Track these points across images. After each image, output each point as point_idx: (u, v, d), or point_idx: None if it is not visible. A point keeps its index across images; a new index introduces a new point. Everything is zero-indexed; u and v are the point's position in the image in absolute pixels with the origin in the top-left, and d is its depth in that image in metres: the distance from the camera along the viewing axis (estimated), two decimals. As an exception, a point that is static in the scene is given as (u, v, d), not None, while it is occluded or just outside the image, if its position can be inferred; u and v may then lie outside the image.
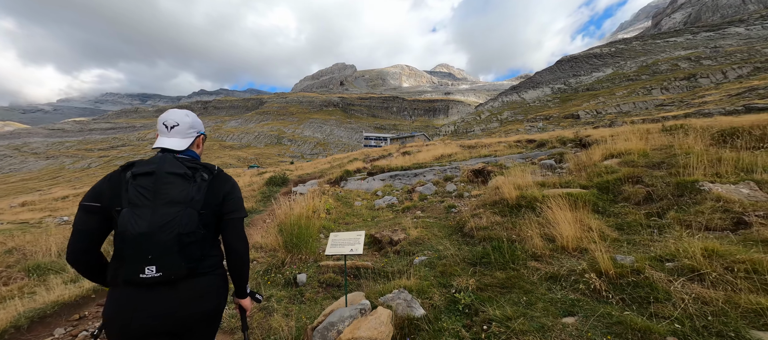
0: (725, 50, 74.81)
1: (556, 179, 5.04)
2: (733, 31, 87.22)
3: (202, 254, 1.39)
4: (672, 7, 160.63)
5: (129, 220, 1.24)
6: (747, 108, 37.32)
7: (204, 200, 1.39)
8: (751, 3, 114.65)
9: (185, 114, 1.58)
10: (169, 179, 1.35)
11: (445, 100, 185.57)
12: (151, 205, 1.28)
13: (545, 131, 55.38)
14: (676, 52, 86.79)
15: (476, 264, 2.90)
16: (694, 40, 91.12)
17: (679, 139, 5.60)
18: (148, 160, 1.41)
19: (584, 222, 3.20)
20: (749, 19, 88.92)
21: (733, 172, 3.69)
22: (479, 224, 3.98)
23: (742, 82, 54.61)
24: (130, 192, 1.29)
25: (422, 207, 7.23)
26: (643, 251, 2.58)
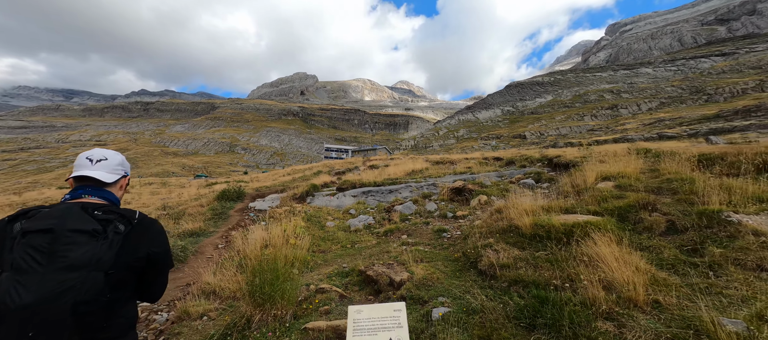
0: (638, 86, 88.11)
1: (561, 203, 4.70)
2: (644, 71, 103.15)
3: (106, 323, 1.17)
4: (597, 47, 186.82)
5: (8, 289, 1.02)
6: (660, 136, 43.50)
7: (115, 259, 1.18)
8: (655, 50, 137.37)
9: (114, 153, 1.47)
10: (72, 237, 1.13)
11: (406, 116, 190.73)
12: (41, 270, 1.07)
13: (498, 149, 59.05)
14: (601, 85, 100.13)
15: (529, 326, 2.21)
16: (615, 77, 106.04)
17: (664, 164, 5.70)
18: (46, 213, 1.17)
19: (627, 260, 2.72)
20: (655, 62, 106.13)
21: (745, 201, 3.59)
22: (499, 260, 3.35)
23: (652, 113, 64.51)
24: (15, 252, 1.08)
25: (407, 230, 6.49)
26: (728, 304, 2.12)
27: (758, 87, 61.59)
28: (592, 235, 3.39)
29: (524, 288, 2.79)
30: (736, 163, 5.31)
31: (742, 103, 50.94)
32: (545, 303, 2.34)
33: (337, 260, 5.02)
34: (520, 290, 2.79)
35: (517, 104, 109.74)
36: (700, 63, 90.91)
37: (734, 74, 76.06)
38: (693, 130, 41.67)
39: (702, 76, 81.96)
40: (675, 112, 59.95)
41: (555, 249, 3.41)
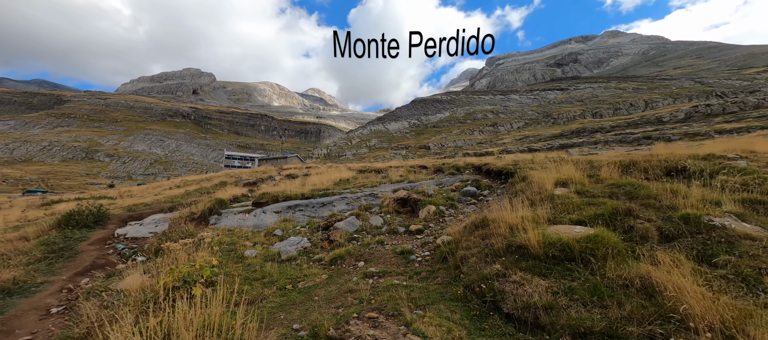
0: (510, 109, 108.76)
1: (541, 213, 4.35)
2: (513, 97, 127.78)
3: None
4: (480, 75, 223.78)
5: None
6: (529, 149, 53.86)
7: None
8: (519, 81, 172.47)
9: None
10: None
11: (318, 124, 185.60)
12: None
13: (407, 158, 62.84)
14: (485, 106, 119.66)
15: None
16: (494, 100, 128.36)
17: (601, 171, 6.19)
18: None
19: (682, 285, 2.27)
20: (520, 91, 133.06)
21: (704, 204, 3.84)
22: (534, 299, 2.53)
23: (521, 131, 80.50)
24: None
25: (361, 254, 5.24)
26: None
27: (582, 115, 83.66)
28: (602, 251, 2.96)
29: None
30: (648, 168, 6.10)
31: (574, 126, 68.52)
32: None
33: (281, 317, 3.38)
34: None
35: (421, 118, 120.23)
36: (548, 94, 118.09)
37: (568, 105, 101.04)
38: (549, 145, 53.32)
39: (550, 104, 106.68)
40: (535, 130, 76.22)
41: (583, 273, 2.82)
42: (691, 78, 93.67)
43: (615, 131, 55.88)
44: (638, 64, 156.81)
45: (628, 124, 60.55)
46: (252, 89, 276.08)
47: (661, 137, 44.09)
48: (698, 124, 47.55)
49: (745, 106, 53.52)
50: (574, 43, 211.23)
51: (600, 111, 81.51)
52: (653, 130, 50.89)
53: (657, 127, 53.56)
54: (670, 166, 5.95)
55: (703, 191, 4.21)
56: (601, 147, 43.07)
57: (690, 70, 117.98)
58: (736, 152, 6.41)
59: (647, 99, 78.61)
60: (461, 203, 7.93)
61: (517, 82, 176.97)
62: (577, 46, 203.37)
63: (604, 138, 51.42)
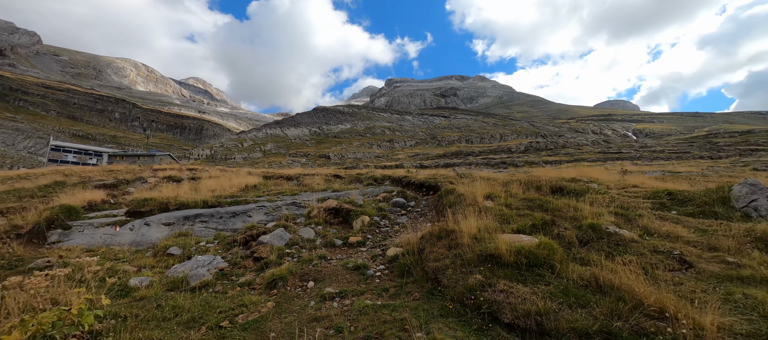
0: (405, 128, 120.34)
1: (490, 223, 4.76)
2: (408, 118, 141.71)
3: None
4: (380, 93, 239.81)
5: None
6: (421, 166, 60.30)
7: None
8: (412, 105, 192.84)
9: None
10: None
11: (200, 119, 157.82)
12: None
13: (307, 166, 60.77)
14: (383, 122, 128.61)
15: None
16: (392, 118, 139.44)
17: (511, 188, 7.36)
18: None
19: (629, 282, 2.87)
20: (413, 113, 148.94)
21: (597, 216, 5.03)
22: (528, 307, 2.67)
23: (413, 149, 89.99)
24: None
25: (307, 273, 4.54)
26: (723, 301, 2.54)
27: (459, 140, 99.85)
28: (557, 257, 3.47)
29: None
30: (541, 186, 7.65)
31: (454, 149, 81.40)
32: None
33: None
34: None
35: (322, 127, 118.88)
36: (434, 120, 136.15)
37: (449, 130, 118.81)
38: (436, 163, 61.48)
39: (436, 128, 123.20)
40: (424, 150, 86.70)
41: (551, 277, 3.19)
42: (527, 121, 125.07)
43: (482, 156, 69.20)
44: (496, 105, 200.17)
45: (490, 150, 76.10)
46: (104, 65, 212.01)
47: (511, 163, 57.21)
48: (533, 156, 63.81)
49: (556, 145, 75.04)
50: (455, 80, 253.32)
51: (471, 138, 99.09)
52: (506, 156, 65.52)
53: (508, 155, 69.23)
54: (554, 186, 7.64)
55: (589, 206, 5.53)
56: (474, 168, 52.41)
57: (527, 115, 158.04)
58: (586, 177, 8.83)
59: (501, 133, 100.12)
60: (393, 214, 8.02)
61: (411, 104, 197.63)
62: (457, 83, 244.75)
63: (476, 161, 62.93)
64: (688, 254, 3.77)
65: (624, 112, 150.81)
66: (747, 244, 4.01)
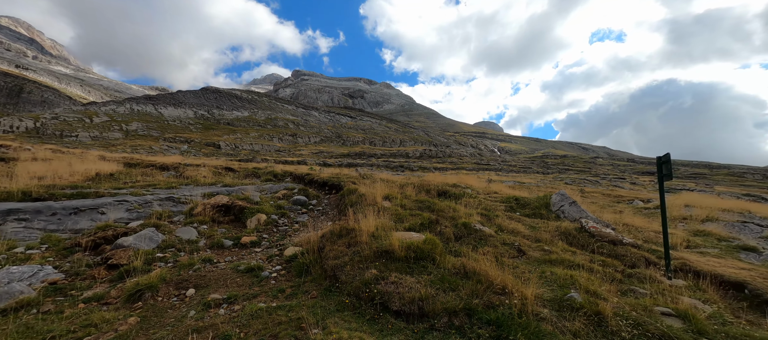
0: (310, 123, 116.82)
1: (387, 222, 5.16)
2: (314, 114, 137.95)
3: None
4: (285, 84, 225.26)
5: None
6: (324, 163, 59.82)
7: None
8: (320, 101, 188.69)
9: None
10: None
11: (18, 77, 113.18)
12: None
13: (189, 155, 51.81)
14: (288, 115, 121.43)
15: None
16: (297, 111, 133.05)
17: (406, 190, 8.12)
18: None
19: (486, 268, 3.68)
20: (320, 109, 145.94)
21: (469, 216, 6.11)
22: (415, 295, 3.08)
23: (317, 146, 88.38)
24: None
25: (186, 279, 3.96)
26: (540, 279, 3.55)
27: (363, 141, 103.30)
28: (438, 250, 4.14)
29: (471, 317, 2.82)
30: (430, 189, 8.76)
31: (358, 149, 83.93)
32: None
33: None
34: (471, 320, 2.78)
35: (213, 111, 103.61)
36: (341, 119, 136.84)
37: (355, 131, 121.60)
38: (340, 162, 62.12)
39: (342, 127, 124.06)
40: (329, 147, 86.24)
41: (432, 268, 3.75)
42: (423, 130, 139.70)
43: (384, 158, 73.77)
44: (399, 112, 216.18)
45: (390, 154, 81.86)
46: None
47: (408, 167, 63.17)
48: (426, 162, 71.91)
49: (444, 154, 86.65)
50: (364, 83, 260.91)
51: (375, 141, 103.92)
52: (404, 161, 71.83)
53: (406, 159, 76.01)
54: (439, 190, 8.89)
55: (464, 208, 6.69)
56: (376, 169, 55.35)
57: (423, 125, 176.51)
58: (463, 184, 10.61)
59: (402, 138, 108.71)
60: (293, 212, 7.73)
61: (318, 100, 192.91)
62: (365, 86, 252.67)
63: (377, 162, 66.61)
64: (523, 245, 5.06)
65: (493, 133, 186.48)
66: (556, 236, 5.66)
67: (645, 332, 2.78)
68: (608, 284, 3.77)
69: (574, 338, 2.62)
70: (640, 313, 3.02)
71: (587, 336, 2.69)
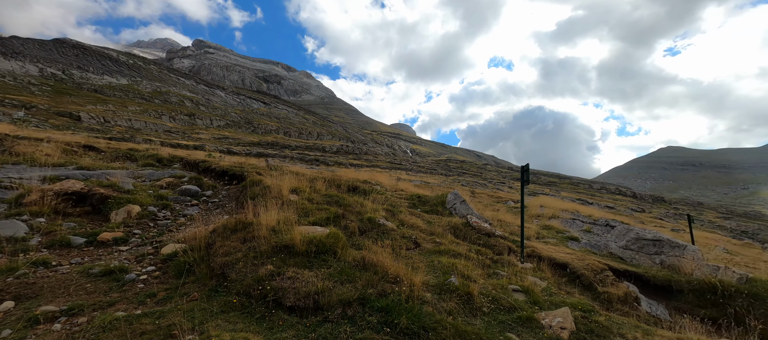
0: (213, 104, 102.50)
1: (291, 216, 4.90)
2: (219, 93, 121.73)
3: None
4: (183, 53, 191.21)
5: None
6: (229, 150, 53.79)
7: None
8: (228, 80, 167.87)
9: None
10: None
11: None
12: None
13: (27, 125, 39.02)
14: (184, 91, 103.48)
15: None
16: (197, 88, 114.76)
17: (317, 184, 7.92)
18: None
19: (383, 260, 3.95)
20: (227, 89, 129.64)
21: (373, 212, 6.37)
22: (310, 289, 3.05)
23: (221, 130, 78.37)
24: None
25: (3, 290, 2.96)
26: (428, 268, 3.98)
27: (277, 131, 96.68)
28: (340, 244, 4.23)
29: (364, 305, 2.94)
30: (341, 184, 8.81)
31: (270, 139, 77.96)
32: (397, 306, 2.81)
33: None
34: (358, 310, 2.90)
35: (72, 72, 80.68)
36: (253, 103, 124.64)
37: (268, 118, 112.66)
38: (248, 151, 56.53)
39: (253, 113, 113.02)
40: (235, 134, 77.36)
41: (333, 261, 3.78)
42: (342, 126, 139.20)
43: (298, 150, 70.45)
44: (318, 105, 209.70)
45: (306, 147, 78.80)
46: None
47: (324, 162, 61.98)
48: (342, 157, 71.94)
49: (361, 151, 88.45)
50: (281, 68, 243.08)
51: (290, 132, 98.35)
52: (320, 155, 70.23)
53: (322, 153, 74.43)
54: (350, 185, 9.02)
55: (371, 203, 6.96)
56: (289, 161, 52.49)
57: (342, 121, 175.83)
58: (374, 181, 11.04)
59: (319, 132, 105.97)
60: (180, 204, 6.63)
61: (225, 79, 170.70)
62: (283, 72, 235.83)
63: (291, 154, 63.16)
64: (419, 238, 5.60)
65: (407, 135, 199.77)
66: (447, 230, 6.46)
67: (500, 306, 3.45)
68: (480, 269, 4.52)
69: (448, 315, 3.06)
70: (498, 291, 3.73)
71: (458, 313, 3.18)
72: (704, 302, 5.05)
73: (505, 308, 3.40)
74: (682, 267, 5.90)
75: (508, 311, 3.38)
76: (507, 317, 3.25)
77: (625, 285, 5.20)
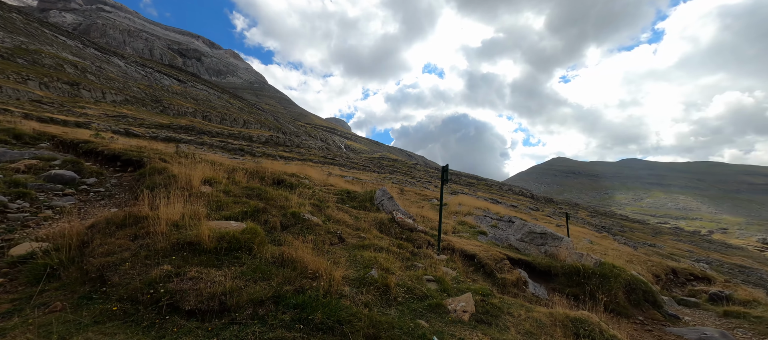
0: (108, 74, 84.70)
1: (201, 209, 4.31)
2: (116, 62, 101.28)
3: None
4: (65, 5, 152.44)
5: None
6: (127, 131, 45.54)
7: None
8: (129, 47, 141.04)
9: None
10: None
11: None
12: None
13: None
14: (64, 52, 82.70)
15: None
16: (84, 52, 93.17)
17: (235, 174, 7.18)
18: None
19: (304, 255, 3.85)
20: (128, 58, 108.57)
21: (300, 206, 6.12)
22: (216, 289, 2.76)
23: (117, 107, 65.35)
24: None
25: None
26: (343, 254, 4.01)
27: (194, 113, 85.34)
28: (257, 240, 3.99)
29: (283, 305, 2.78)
30: (265, 177, 8.23)
31: (184, 122, 68.15)
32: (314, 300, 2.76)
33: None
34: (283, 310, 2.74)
35: None
36: (163, 78, 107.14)
37: (183, 98, 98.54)
38: (155, 134, 48.43)
39: (163, 90, 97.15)
40: (137, 112, 65.27)
41: (247, 258, 3.50)
42: (273, 115, 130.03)
43: (219, 137, 63.20)
44: (246, 89, 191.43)
45: (230, 135, 71.28)
46: None
47: (250, 153, 57.04)
48: (272, 149, 67.32)
49: (293, 144, 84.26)
50: (202, 43, 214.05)
51: (210, 116, 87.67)
52: (246, 144, 64.35)
53: (248, 143, 68.33)
54: (276, 178, 8.50)
55: (297, 198, 6.68)
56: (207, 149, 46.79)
57: (274, 110, 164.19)
58: (303, 174, 10.61)
59: (246, 119, 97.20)
60: (45, 193, 5.27)
61: (126, 46, 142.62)
62: (205, 47, 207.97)
63: (210, 141, 56.34)
64: (345, 233, 5.61)
65: (342, 130, 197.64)
66: (372, 225, 6.62)
67: (414, 295, 3.69)
68: (400, 262, 4.76)
69: (365, 307, 3.14)
70: (414, 281, 4.00)
71: (375, 304, 3.29)
72: (571, 282, 6.30)
73: (418, 296, 3.66)
74: (559, 255, 7.24)
75: (421, 299, 3.65)
76: (419, 305, 3.50)
77: (517, 271, 6.13)
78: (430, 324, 3.16)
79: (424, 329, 2.97)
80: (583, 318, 3.82)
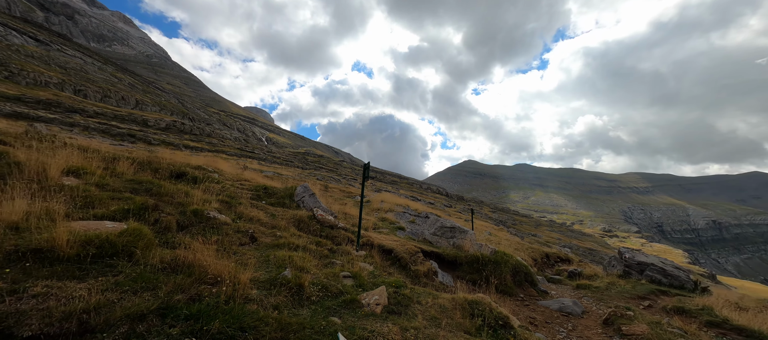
0: None
1: (57, 207, 3.32)
2: (-75, 1, 72.62)
3: None
4: None
5: None
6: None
7: None
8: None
9: None
10: None
11: None
12: None
13: None
14: None
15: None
16: None
17: (118, 166, 5.84)
18: None
19: (206, 258, 3.42)
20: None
21: (204, 203, 5.38)
22: (73, 307, 2.20)
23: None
24: None
25: None
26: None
27: (60, 85, 67.37)
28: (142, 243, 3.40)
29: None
30: (158, 169, 7.01)
31: (44, 95, 53.03)
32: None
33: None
34: (154, 319, 2.32)
35: None
36: (13, 36, 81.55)
37: (44, 65, 76.94)
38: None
39: (11, 50, 73.82)
40: (-36, 76, 47.74)
41: (126, 266, 2.90)
42: (177, 97, 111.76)
43: (99, 119, 51.06)
44: (141, 64, 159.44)
45: (116, 116, 58.36)
46: None
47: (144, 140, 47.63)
48: (174, 136, 57.78)
49: (203, 132, 74.16)
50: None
51: (86, 91, 70.57)
52: (139, 130, 53.58)
53: (143, 128, 57.10)
54: (175, 171, 7.32)
55: (201, 193, 5.88)
56: (80, 132, 37.33)
57: (178, 91, 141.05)
58: (211, 167, 9.41)
59: (139, 99, 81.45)
60: None
61: None
62: (79, 3, 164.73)
63: (86, 123, 45.07)
64: (258, 232, 5.20)
65: (264, 121, 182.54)
66: (291, 223, 6.31)
67: (328, 293, 3.66)
68: (317, 260, 4.65)
69: (274, 310, 2.96)
70: (330, 279, 3.96)
71: (286, 306, 3.14)
72: (472, 269, 7.20)
73: (333, 294, 3.64)
74: (464, 246, 8.18)
75: (336, 296, 3.64)
76: (333, 303, 3.49)
77: (429, 263, 6.69)
78: (343, 320, 3.18)
79: (336, 326, 2.96)
80: (478, 300, 4.40)
